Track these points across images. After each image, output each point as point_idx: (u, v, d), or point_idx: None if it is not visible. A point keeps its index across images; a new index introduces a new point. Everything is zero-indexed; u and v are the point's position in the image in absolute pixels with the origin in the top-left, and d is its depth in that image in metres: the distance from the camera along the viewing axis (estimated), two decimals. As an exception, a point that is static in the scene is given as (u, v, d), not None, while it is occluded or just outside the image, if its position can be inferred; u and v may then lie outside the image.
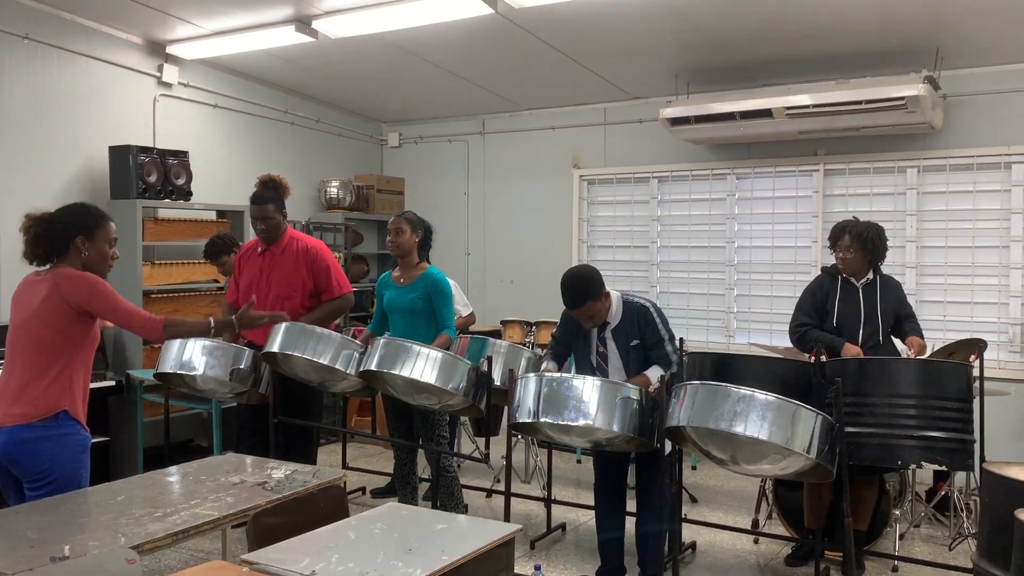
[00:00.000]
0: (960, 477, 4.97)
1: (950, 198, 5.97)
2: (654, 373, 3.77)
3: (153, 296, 5.87)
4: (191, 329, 3.57)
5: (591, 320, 3.81)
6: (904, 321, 4.42)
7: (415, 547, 2.42)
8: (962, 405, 3.66)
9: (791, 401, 3.08)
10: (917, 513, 4.99)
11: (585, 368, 3.94)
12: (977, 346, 4.54)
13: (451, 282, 5.68)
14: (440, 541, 2.48)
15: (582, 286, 3.73)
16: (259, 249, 4.71)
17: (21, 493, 3.09)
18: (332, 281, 4.64)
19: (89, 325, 3.17)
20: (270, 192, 4.63)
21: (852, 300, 4.38)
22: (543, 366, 4.09)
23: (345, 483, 3.07)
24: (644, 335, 3.81)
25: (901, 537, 4.60)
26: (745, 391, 3.08)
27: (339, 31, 5.59)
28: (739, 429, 3.03)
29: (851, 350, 4.24)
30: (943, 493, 4.92)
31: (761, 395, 3.06)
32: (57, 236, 3.16)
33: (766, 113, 5.76)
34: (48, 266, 3.19)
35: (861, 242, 4.35)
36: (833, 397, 3.29)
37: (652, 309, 3.86)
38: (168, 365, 4.33)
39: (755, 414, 3.01)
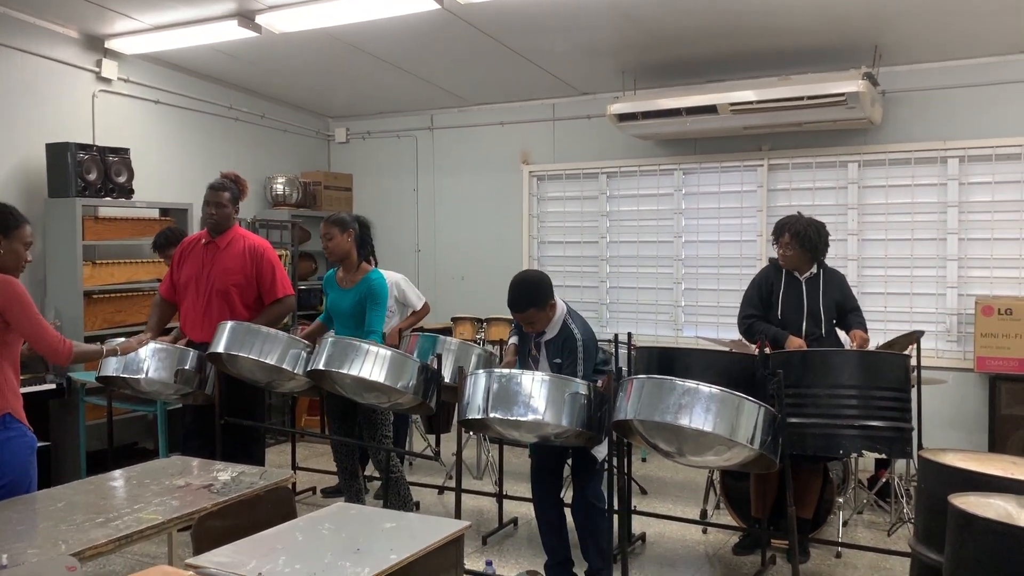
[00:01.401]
0: (901, 464, 5.10)
1: (889, 192, 6.12)
2: None
3: (95, 296, 5.74)
4: (93, 352, 3.45)
5: (530, 326, 3.83)
6: (849, 314, 4.52)
7: (363, 547, 2.41)
8: (900, 395, 3.76)
9: (734, 393, 3.13)
10: (860, 500, 5.12)
11: (524, 364, 3.98)
12: (915, 338, 4.67)
13: (401, 276, 5.65)
14: (389, 540, 2.48)
15: (528, 292, 3.73)
16: (203, 241, 4.66)
17: None
18: (276, 282, 4.61)
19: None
20: (229, 183, 4.65)
21: (795, 293, 4.47)
22: (510, 341, 4.11)
23: (294, 484, 3.06)
24: (562, 359, 3.76)
25: (845, 524, 4.71)
26: (690, 384, 3.12)
27: (283, 26, 5.52)
28: (684, 421, 3.07)
29: (794, 342, 4.33)
30: (884, 480, 5.05)
31: (705, 388, 3.11)
32: None
33: (711, 109, 5.83)
34: None
35: (800, 240, 4.44)
36: (775, 388, 3.34)
37: (580, 345, 3.71)
38: (111, 368, 4.24)
39: (700, 407, 3.06)
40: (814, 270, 4.51)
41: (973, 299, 5.73)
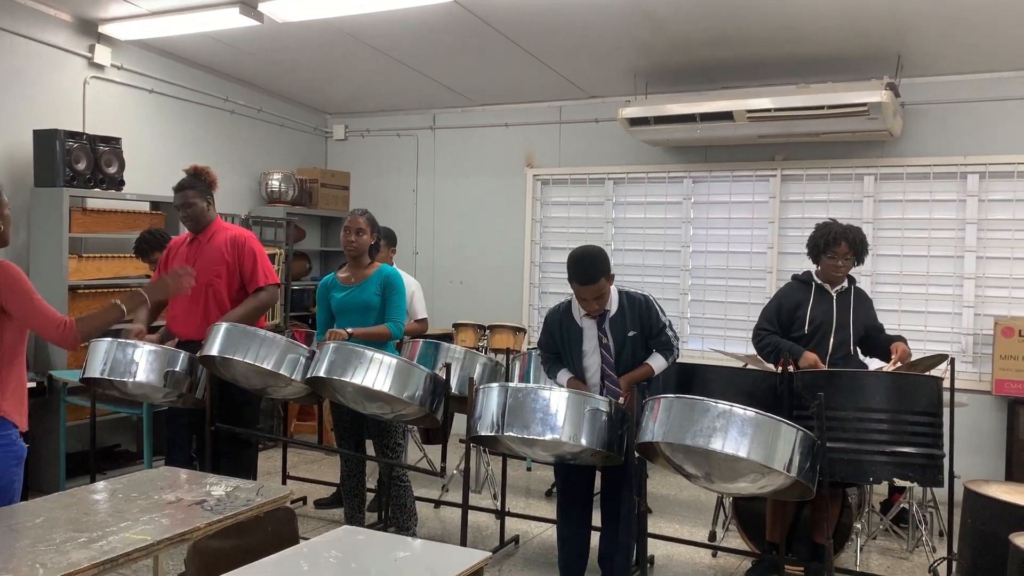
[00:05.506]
0: (917, 489, 4.91)
1: (906, 207, 5.94)
2: (656, 361, 3.70)
3: (80, 291, 5.47)
4: (103, 320, 3.06)
5: (598, 301, 3.60)
6: (880, 335, 4.31)
7: (376, 579, 2.19)
8: (933, 419, 3.60)
9: (772, 417, 2.93)
10: (874, 525, 4.93)
11: (577, 366, 3.74)
12: (939, 361, 4.48)
13: (417, 285, 5.43)
14: (403, 573, 2.25)
15: (595, 261, 3.57)
16: (188, 239, 4.49)
17: None
18: (258, 270, 4.40)
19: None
20: (192, 179, 4.43)
21: (825, 308, 4.26)
22: (560, 375, 3.80)
23: (290, 499, 2.85)
24: (648, 324, 3.70)
25: (860, 550, 4.52)
26: (723, 406, 2.91)
27: (286, 15, 5.29)
28: (717, 446, 2.86)
29: (808, 358, 4.10)
30: (900, 505, 4.87)
31: (740, 410, 2.90)
32: None
33: (727, 116, 5.64)
34: None
35: (857, 250, 4.23)
36: (816, 412, 3.14)
37: (651, 298, 3.79)
38: (96, 369, 3.99)
39: (735, 430, 2.85)
40: (845, 284, 4.31)
41: (991, 319, 5.57)
